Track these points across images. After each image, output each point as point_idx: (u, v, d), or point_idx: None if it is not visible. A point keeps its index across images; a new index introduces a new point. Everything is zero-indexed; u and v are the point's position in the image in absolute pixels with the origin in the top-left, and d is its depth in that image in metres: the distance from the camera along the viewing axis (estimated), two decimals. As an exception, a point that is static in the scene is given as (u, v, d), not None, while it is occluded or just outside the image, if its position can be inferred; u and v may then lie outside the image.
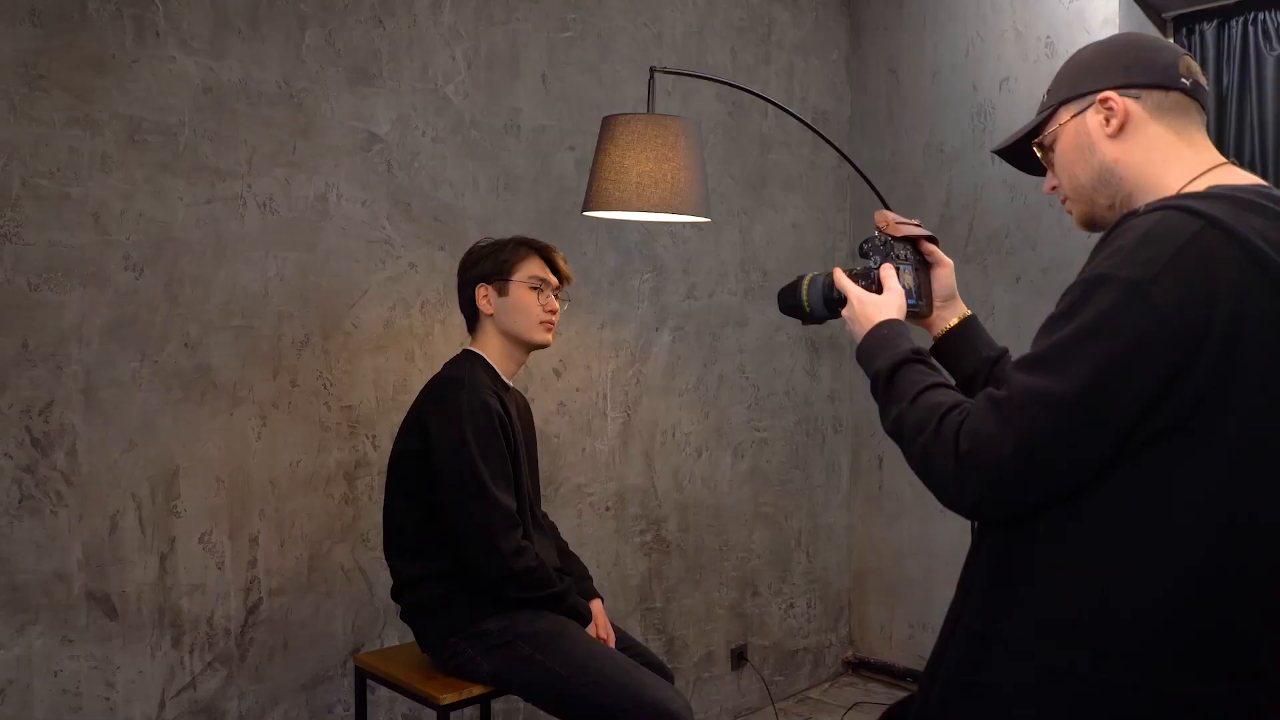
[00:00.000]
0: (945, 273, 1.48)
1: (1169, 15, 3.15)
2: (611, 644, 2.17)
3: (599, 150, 2.21)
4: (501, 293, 2.17)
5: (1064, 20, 3.17)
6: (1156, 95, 1.19)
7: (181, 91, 2.16)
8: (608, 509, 3.00)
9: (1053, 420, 1.05)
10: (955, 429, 1.10)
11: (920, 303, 1.46)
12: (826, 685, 3.66)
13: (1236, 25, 3.04)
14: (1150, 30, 3.16)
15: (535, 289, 2.18)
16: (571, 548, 2.48)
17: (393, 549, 2.15)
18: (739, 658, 3.35)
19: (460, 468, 2.00)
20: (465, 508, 2.00)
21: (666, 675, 2.20)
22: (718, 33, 3.27)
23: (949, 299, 1.49)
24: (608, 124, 2.21)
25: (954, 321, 1.48)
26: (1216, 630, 1.08)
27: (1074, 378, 1.04)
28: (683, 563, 3.21)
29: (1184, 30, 3.15)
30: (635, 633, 3.05)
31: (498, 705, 2.68)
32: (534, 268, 2.19)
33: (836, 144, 2.39)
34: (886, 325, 1.32)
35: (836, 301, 1.43)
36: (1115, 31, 3.05)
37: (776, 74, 3.46)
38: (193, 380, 2.19)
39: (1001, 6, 3.32)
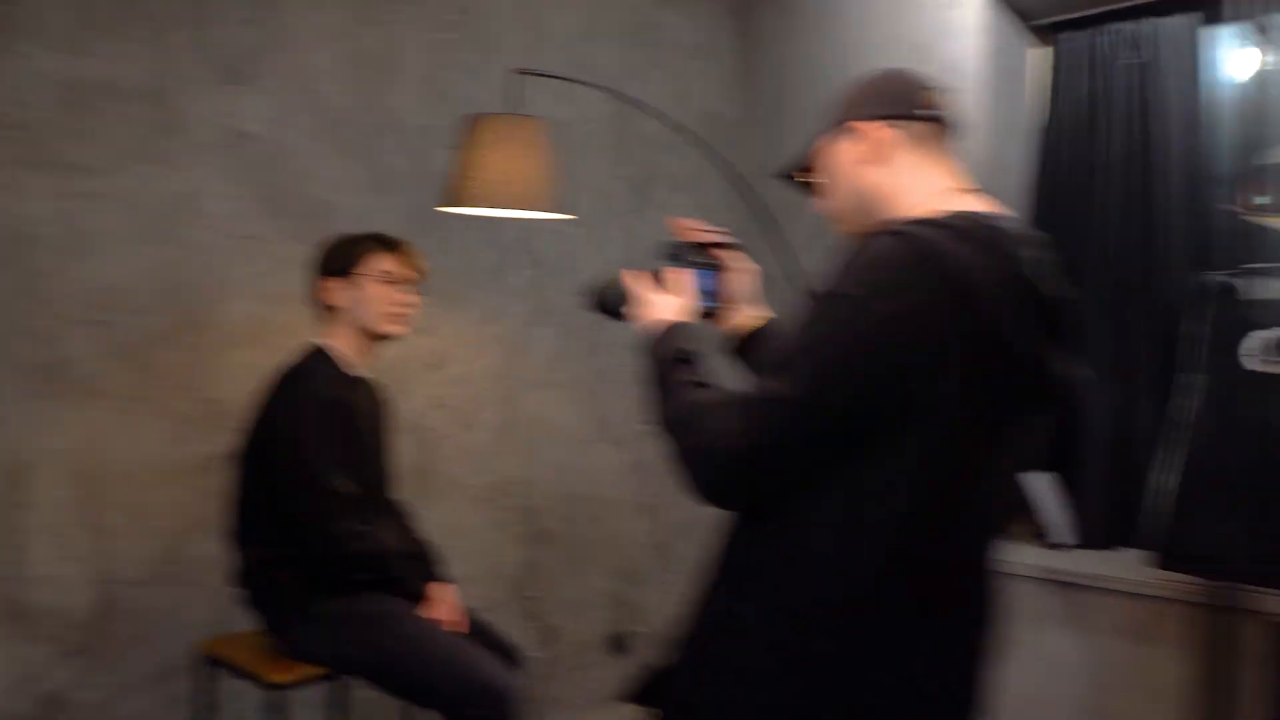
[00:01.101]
0: (746, 278, 1.60)
1: (1035, 24, 3.27)
2: (464, 628, 2.23)
3: (461, 149, 2.29)
4: (348, 286, 2.23)
5: (938, 30, 3.28)
6: (902, 124, 1.32)
7: (40, 88, 2.19)
8: (485, 500, 3.06)
9: (782, 419, 1.16)
10: (703, 426, 1.21)
11: (711, 305, 1.55)
12: (716, 674, 3.73)
13: (1100, 34, 3.16)
14: (1016, 39, 3.28)
15: (386, 283, 2.24)
16: (447, 538, 2.53)
17: (237, 536, 2.20)
18: (619, 644, 3.43)
19: (295, 455, 2.07)
20: (300, 493, 2.07)
21: (515, 658, 2.27)
22: (606, 35, 3.33)
23: (751, 302, 1.60)
24: (469, 123, 2.29)
25: (754, 325, 1.59)
26: (926, 601, 1.21)
27: (802, 382, 1.16)
28: (562, 553, 3.27)
29: (1050, 39, 3.27)
30: (512, 621, 3.11)
31: (367, 695, 2.72)
32: (382, 262, 2.25)
33: (723, 147, 2.47)
34: (661, 325, 1.41)
35: (625, 299, 1.51)
36: (984, 39, 3.18)
37: (665, 76, 3.53)
38: (47, 374, 2.21)
39: (880, 15, 3.42)
